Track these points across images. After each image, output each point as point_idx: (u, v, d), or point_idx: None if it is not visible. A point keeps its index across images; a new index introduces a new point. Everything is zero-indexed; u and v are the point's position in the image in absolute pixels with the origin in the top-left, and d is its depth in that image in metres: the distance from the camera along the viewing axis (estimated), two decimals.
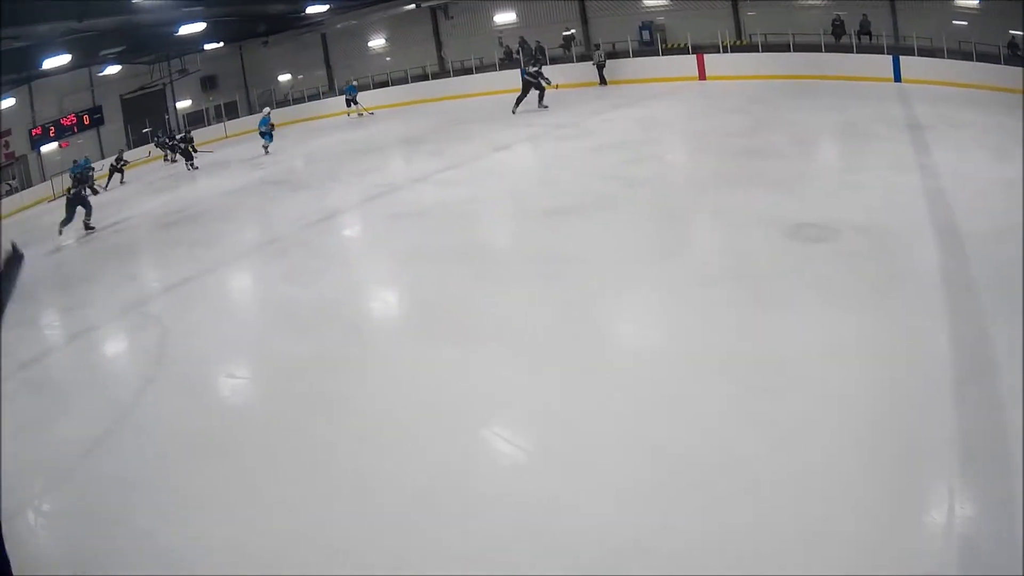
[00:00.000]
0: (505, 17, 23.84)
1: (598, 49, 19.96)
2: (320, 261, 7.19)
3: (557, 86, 16.70)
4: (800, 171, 8.53)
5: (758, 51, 19.58)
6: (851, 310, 4.74)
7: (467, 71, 22.66)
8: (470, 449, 3.66)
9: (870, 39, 19.89)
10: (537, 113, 14.07)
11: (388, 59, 25.45)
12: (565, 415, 3.81)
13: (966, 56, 19.70)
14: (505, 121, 15.05)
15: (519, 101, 15.67)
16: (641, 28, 21.58)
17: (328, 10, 21.90)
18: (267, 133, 17.94)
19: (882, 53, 19.18)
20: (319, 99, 24.77)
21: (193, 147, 18.59)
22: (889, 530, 2.89)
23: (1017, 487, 2.94)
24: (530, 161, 10.93)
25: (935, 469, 3.22)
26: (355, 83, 22.61)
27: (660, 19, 21.71)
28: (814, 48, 19.22)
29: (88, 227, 11.60)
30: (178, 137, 19.84)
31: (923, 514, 3.02)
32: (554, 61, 21.17)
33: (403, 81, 23.87)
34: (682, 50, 20.18)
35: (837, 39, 19.97)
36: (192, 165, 18.23)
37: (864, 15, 20.28)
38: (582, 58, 20.83)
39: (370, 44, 26.01)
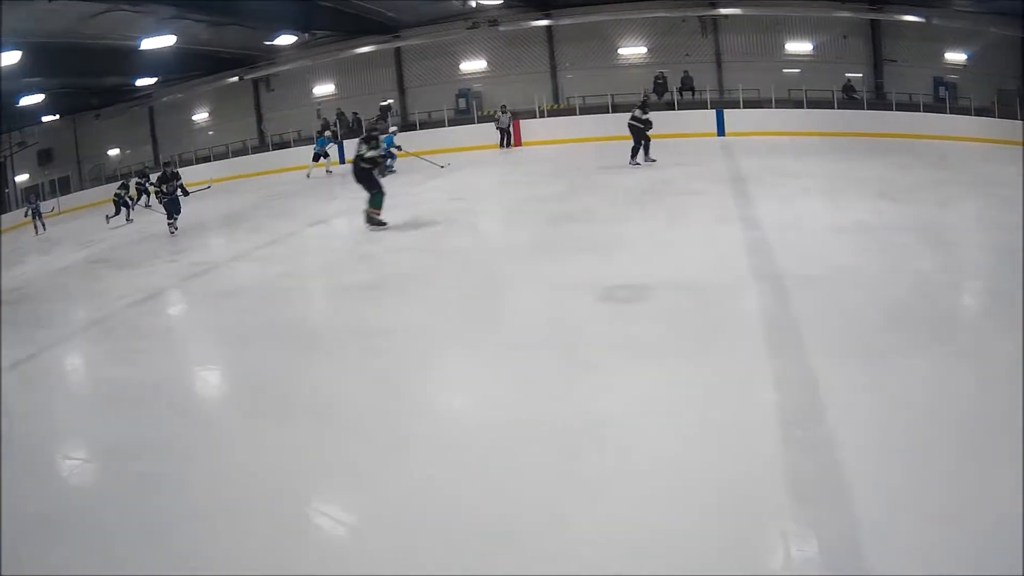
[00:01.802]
0: (324, 88, 23.73)
1: (505, 112, 19.28)
2: (144, 341, 6.98)
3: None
4: (614, 233, 8.72)
5: (576, 114, 19.66)
6: (668, 366, 4.82)
7: (286, 144, 22.00)
8: (294, 526, 3.53)
9: (692, 95, 19.61)
10: (351, 187, 12.44)
11: (211, 133, 24.65)
12: (387, 489, 3.76)
13: (797, 104, 19.70)
14: (321, 195, 15.34)
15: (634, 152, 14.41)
16: (458, 96, 21.15)
17: (156, 83, 21.85)
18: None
19: (706, 108, 19.45)
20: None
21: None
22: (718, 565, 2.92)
23: (855, 522, 3.06)
24: (346, 235, 10.88)
25: (766, 513, 3.21)
26: (327, 134, 20.21)
27: (477, 86, 21.32)
28: (631, 108, 18.55)
29: None
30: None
31: (757, 559, 2.99)
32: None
33: (224, 156, 22.81)
34: (494, 118, 19.92)
35: (659, 96, 20.17)
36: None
37: (686, 71, 20.57)
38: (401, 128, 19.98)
39: (194, 118, 25.10)
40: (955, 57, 22.59)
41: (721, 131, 18.72)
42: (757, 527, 3.13)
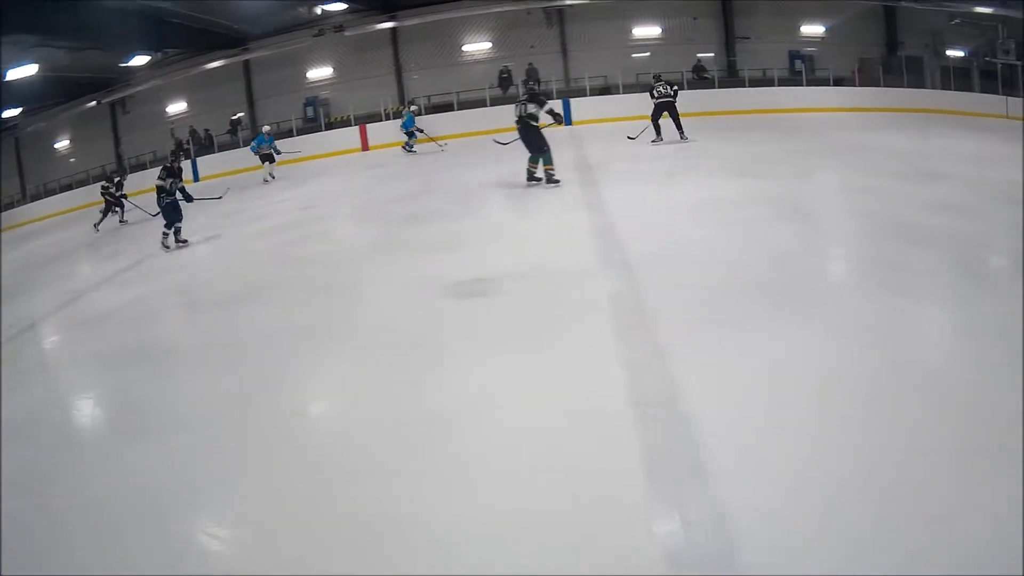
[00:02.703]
0: (177, 107, 23.15)
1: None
2: (21, 374, 6.77)
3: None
4: (464, 228, 8.87)
5: (422, 114, 19.18)
6: (521, 356, 4.82)
7: (142, 166, 21.16)
8: (171, 543, 3.46)
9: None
10: (208, 204, 12.76)
11: (72, 160, 23.68)
12: (253, 498, 3.71)
13: (645, 88, 19.43)
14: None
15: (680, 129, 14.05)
16: (305, 105, 20.91)
17: (20, 113, 21.21)
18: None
19: (552, 98, 18.36)
20: (13, 207, 22.44)
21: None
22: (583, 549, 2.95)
23: (716, 498, 3.10)
24: (203, 252, 10.62)
25: (627, 494, 3.20)
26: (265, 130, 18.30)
27: (324, 94, 21.00)
28: (480, 103, 19.16)
29: None
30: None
31: (620, 540, 2.98)
32: (222, 148, 20.59)
33: (85, 182, 21.81)
34: (345, 123, 19.99)
35: (504, 91, 20.08)
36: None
37: (530, 64, 20.46)
38: (249, 141, 19.61)
39: (57, 146, 24.12)
40: (813, 30, 22.82)
41: (568, 120, 18.06)
42: (618, 508, 3.16)
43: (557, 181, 10.19)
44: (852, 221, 8.58)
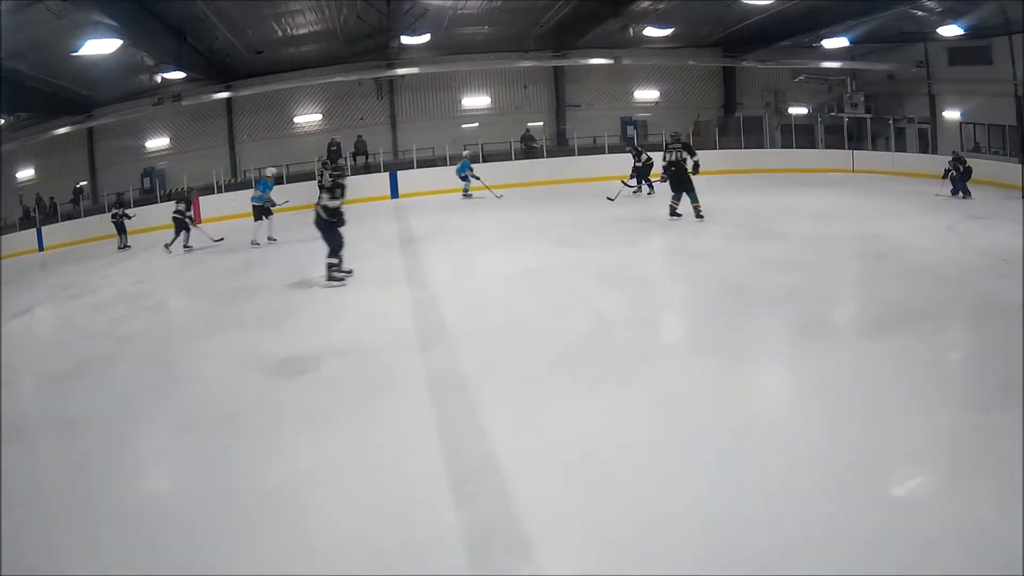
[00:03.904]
0: (25, 172, 22.45)
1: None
2: None
3: None
4: (288, 304, 8.90)
5: (252, 187, 18.48)
6: (339, 434, 4.91)
7: None
8: None
9: (367, 159, 19.83)
10: (39, 277, 13.30)
11: None
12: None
13: (473, 159, 20.36)
14: (10, 286, 14.11)
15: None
16: (143, 175, 20.93)
17: None
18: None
19: (379, 171, 19.93)
20: None
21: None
22: None
23: (535, 566, 3.24)
24: (33, 327, 10.34)
25: (443, 564, 3.33)
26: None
27: (162, 164, 21.13)
28: (309, 176, 19.12)
29: None
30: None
31: None
32: (67, 217, 20.23)
33: None
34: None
35: (333, 162, 19.52)
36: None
37: (359, 136, 20.64)
38: (90, 211, 19.61)
39: None
40: (647, 95, 23.78)
41: (395, 193, 19.30)
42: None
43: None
44: (680, 286, 8.78)
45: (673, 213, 12.18)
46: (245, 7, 15.90)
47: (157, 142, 21.43)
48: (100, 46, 14.14)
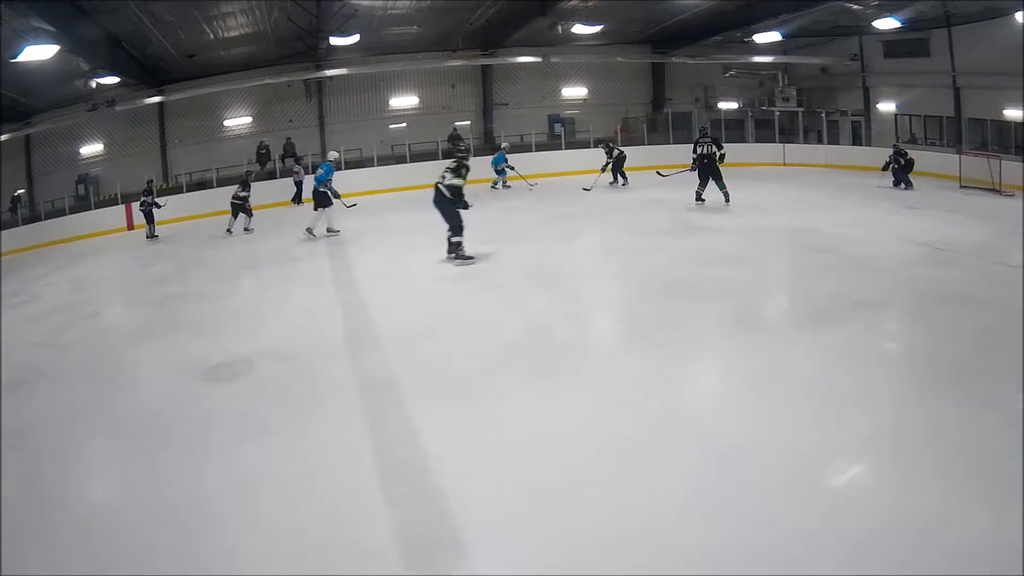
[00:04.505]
0: None
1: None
2: None
3: None
4: (219, 308, 9.04)
5: (183, 191, 19.78)
6: (272, 437, 4.92)
7: None
8: None
9: (296, 161, 19.89)
10: None
11: None
12: None
13: (400, 159, 20.44)
14: None
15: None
16: (77, 182, 20.88)
17: None
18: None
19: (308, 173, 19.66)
20: None
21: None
22: None
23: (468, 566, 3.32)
24: None
25: (379, 566, 3.39)
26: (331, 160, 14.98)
27: (96, 170, 21.12)
28: (238, 180, 18.69)
29: None
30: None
31: None
32: (6, 226, 19.68)
33: None
34: (113, 201, 19.89)
35: (263, 166, 20.82)
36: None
37: (288, 138, 20.79)
38: (28, 220, 19.71)
39: None
40: (574, 92, 24.22)
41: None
42: None
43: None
44: (616, 281, 8.82)
45: (699, 199, 13.40)
46: (177, 10, 15.97)
47: (92, 148, 21.34)
48: (38, 52, 14.04)
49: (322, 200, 13.27)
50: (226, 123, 21.77)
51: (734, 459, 4.09)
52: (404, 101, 22.94)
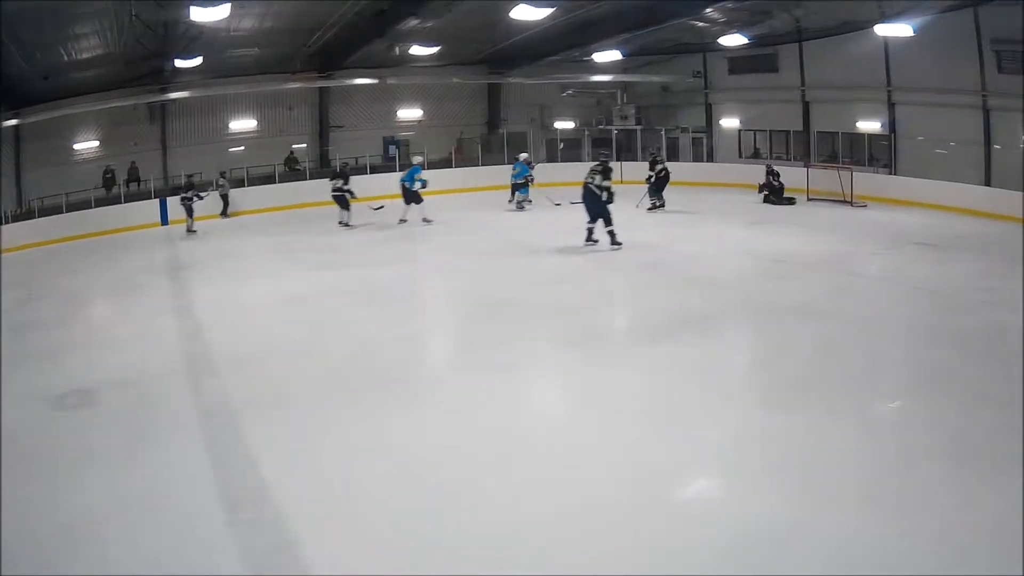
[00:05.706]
0: None
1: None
2: None
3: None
4: (65, 338, 8.78)
5: (35, 217, 19.58)
6: (112, 470, 4.83)
7: None
8: None
9: (139, 185, 21.41)
10: None
11: None
12: None
13: (238, 183, 21.77)
14: None
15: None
16: None
17: None
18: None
19: (150, 198, 20.65)
20: None
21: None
22: None
23: None
24: None
25: None
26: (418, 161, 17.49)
27: None
28: (86, 205, 20.06)
29: None
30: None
31: None
32: None
33: None
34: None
35: (109, 190, 21.20)
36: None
37: (132, 162, 21.89)
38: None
39: None
40: (409, 114, 25.32)
41: (165, 220, 20.03)
42: None
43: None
44: (445, 304, 9.14)
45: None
46: (34, 31, 15.60)
47: None
48: None
49: (410, 199, 15.98)
50: (75, 147, 21.71)
51: (578, 473, 4.22)
52: (243, 124, 23.32)
